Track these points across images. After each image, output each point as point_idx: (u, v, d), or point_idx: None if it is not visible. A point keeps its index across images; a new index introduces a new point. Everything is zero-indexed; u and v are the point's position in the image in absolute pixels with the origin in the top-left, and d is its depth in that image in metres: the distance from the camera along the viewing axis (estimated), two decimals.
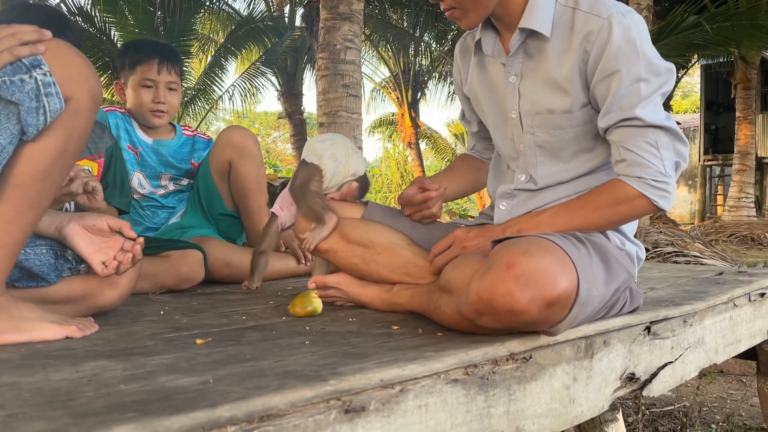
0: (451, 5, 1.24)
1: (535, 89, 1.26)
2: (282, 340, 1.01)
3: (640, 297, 1.27)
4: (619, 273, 1.14)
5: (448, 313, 1.09)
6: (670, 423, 2.07)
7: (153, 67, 2.00)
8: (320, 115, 5.05)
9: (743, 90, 11.19)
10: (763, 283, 1.81)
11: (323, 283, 1.39)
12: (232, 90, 12.04)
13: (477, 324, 1.01)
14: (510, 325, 0.98)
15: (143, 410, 0.62)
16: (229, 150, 2.06)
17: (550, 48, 1.22)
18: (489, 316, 0.97)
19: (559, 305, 0.96)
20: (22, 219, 1.00)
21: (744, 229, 8.47)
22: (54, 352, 0.92)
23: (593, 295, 1.04)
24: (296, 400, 0.69)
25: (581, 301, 1.00)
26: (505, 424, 0.95)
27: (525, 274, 0.93)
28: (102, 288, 1.23)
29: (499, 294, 0.94)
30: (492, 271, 0.96)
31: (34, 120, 0.94)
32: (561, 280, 0.95)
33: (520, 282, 0.93)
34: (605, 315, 1.17)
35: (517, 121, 1.30)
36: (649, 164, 1.13)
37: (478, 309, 0.98)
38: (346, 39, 4.90)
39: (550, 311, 0.96)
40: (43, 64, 0.95)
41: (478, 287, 0.97)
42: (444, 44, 13.30)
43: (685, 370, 1.42)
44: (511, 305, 0.93)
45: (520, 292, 0.92)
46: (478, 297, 0.97)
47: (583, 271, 1.00)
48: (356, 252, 1.34)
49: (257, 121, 28.49)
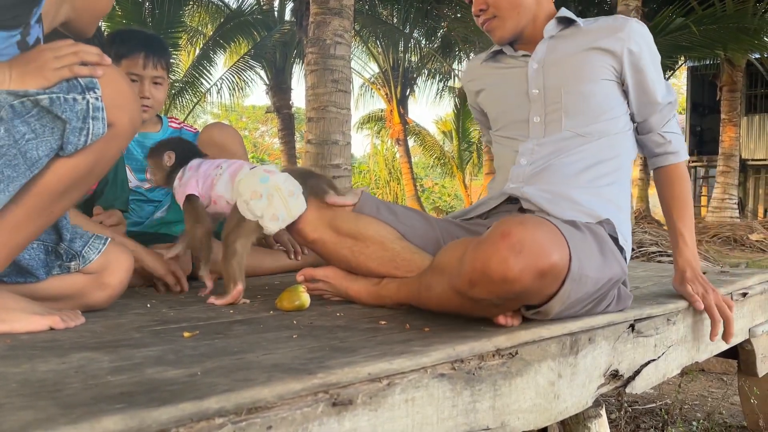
0: (492, 15, 1.48)
1: (560, 67, 1.48)
2: (270, 333, 1.01)
3: (628, 300, 1.30)
4: (613, 263, 1.18)
5: (438, 291, 1.11)
6: (651, 420, 2.10)
7: (138, 61, 1.96)
8: (309, 110, 5.04)
9: (728, 92, 11.32)
10: (745, 284, 1.83)
11: (311, 275, 1.39)
12: (220, 83, 12.00)
13: (469, 296, 1.02)
14: (502, 294, 0.98)
15: (131, 401, 0.62)
16: (210, 148, 2.02)
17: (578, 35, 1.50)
18: (482, 286, 0.98)
19: (551, 276, 0.98)
20: (30, 226, 1.01)
21: (727, 230, 8.57)
22: (40, 344, 0.91)
23: (586, 275, 1.06)
24: (284, 393, 0.69)
25: (573, 278, 1.02)
26: (490, 419, 0.96)
27: (520, 242, 0.95)
28: (91, 288, 1.22)
29: (493, 261, 0.95)
30: (487, 240, 0.99)
31: (76, 140, 0.97)
32: (553, 251, 0.97)
33: (514, 249, 0.95)
34: (592, 309, 1.18)
35: (538, 96, 1.49)
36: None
37: (471, 279, 0.99)
38: (335, 34, 4.89)
39: (542, 282, 0.98)
40: (97, 87, 0.97)
41: (473, 256, 0.99)
42: (433, 41, 13.33)
43: (667, 367, 1.44)
44: (504, 273, 0.94)
45: (513, 259, 0.94)
46: (472, 266, 0.98)
47: (575, 248, 1.02)
48: (345, 244, 1.34)
49: (245, 115, 28.37)
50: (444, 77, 15.63)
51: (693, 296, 1.45)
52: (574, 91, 1.46)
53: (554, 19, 1.52)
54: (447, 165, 17.51)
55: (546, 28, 1.52)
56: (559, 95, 1.47)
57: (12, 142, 0.93)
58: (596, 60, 1.46)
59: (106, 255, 1.22)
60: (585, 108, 1.46)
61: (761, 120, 14.65)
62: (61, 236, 1.18)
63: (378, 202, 1.42)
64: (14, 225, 0.98)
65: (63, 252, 1.18)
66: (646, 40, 1.47)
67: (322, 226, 1.35)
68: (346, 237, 1.34)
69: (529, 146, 1.47)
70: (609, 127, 1.46)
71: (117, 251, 1.25)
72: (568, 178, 1.40)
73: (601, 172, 1.42)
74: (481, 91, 1.65)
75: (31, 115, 0.93)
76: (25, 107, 0.93)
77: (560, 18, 1.52)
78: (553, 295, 1.03)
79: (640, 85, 1.48)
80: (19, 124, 0.93)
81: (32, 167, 0.96)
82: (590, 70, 1.46)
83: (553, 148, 1.45)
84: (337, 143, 4.95)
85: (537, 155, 1.45)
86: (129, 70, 1.96)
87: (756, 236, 8.29)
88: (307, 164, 5.03)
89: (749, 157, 14.61)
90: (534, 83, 1.50)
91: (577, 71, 1.47)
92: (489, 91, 1.63)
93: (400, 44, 13.62)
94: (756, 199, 15.27)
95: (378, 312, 1.25)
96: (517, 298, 1.00)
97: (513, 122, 1.54)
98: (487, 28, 1.52)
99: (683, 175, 1.54)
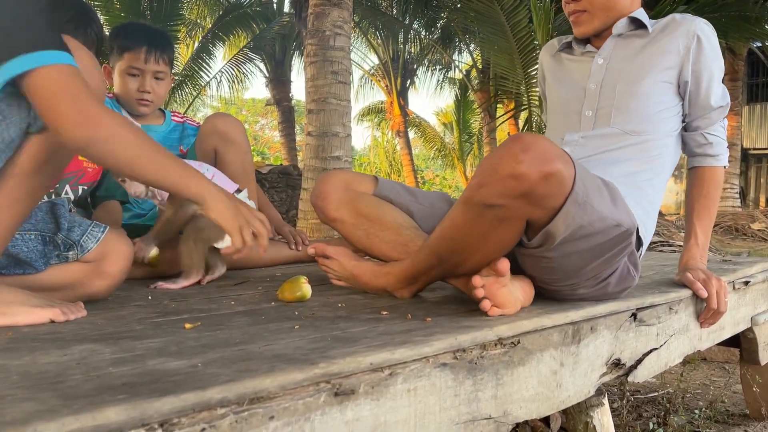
0: (583, 8, 1.54)
1: (622, 66, 1.53)
2: (271, 324, 1.01)
3: (632, 280, 1.30)
4: (623, 212, 1.18)
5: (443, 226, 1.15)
6: (654, 409, 2.10)
7: (140, 55, 1.96)
8: (309, 102, 5.03)
9: (730, 81, 11.26)
10: (747, 272, 1.83)
11: (323, 251, 1.42)
12: (219, 76, 11.96)
13: (475, 201, 1.06)
14: (508, 192, 1.02)
15: (133, 392, 0.62)
16: (213, 138, 2.03)
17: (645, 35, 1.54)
18: (489, 186, 1.03)
19: (554, 180, 1.02)
20: (17, 207, 1.01)
21: (729, 220, 8.56)
22: (41, 336, 0.91)
23: (591, 205, 1.08)
24: (286, 383, 0.69)
25: (577, 200, 1.05)
26: (492, 408, 0.96)
27: (529, 144, 1.01)
28: (91, 277, 1.22)
29: (504, 158, 1.01)
30: (500, 146, 1.05)
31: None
32: (558, 160, 1.02)
33: (524, 148, 1.01)
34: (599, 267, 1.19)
35: (594, 91, 1.54)
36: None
37: (480, 180, 1.05)
38: (335, 25, 4.87)
39: (546, 185, 1.01)
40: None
41: (486, 160, 1.06)
42: (433, 32, 13.26)
43: (669, 356, 1.44)
44: (513, 168, 1.00)
45: (522, 155, 1.00)
46: (482, 168, 1.05)
47: (582, 177, 1.07)
48: (362, 226, 1.39)
49: (245, 108, 28.33)
50: (444, 68, 15.58)
51: (695, 283, 1.46)
52: (629, 90, 1.49)
53: (626, 18, 1.56)
54: (448, 157, 17.48)
55: (616, 26, 1.56)
56: (613, 92, 1.51)
57: None
58: (657, 60, 1.50)
59: (104, 243, 1.22)
60: (635, 107, 1.49)
61: (763, 109, 14.61)
62: (58, 225, 1.18)
63: (397, 185, 1.48)
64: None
65: (61, 242, 1.18)
66: (710, 40, 1.49)
67: (344, 206, 1.40)
68: (364, 219, 1.39)
69: (575, 137, 1.52)
70: (656, 128, 1.49)
71: (116, 239, 1.25)
72: (606, 168, 1.41)
73: (641, 169, 1.45)
74: (545, 77, 1.76)
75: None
76: None
77: (632, 18, 1.56)
78: (557, 208, 1.05)
79: (696, 85, 1.51)
80: None
81: (6, 149, 0.97)
82: (649, 70, 1.49)
83: (598, 143, 1.49)
84: (338, 135, 4.94)
85: (581, 146, 1.50)
86: (131, 63, 1.96)
87: (758, 225, 8.28)
88: (308, 156, 5.03)
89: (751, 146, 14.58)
90: (594, 78, 1.56)
91: (636, 70, 1.50)
92: (553, 79, 1.70)
93: (400, 35, 13.57)
94: (758, 189, 15.25)
95: (380, 302, 1.25)
96: (522, 198, 1.02)
97: (566, 113, 1.59)
98: (574, 20, 1.58)
99: (715, 180, 1.55)
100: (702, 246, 1.53)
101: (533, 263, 1.18)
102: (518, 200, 1.03)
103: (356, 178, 1.47)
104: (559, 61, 1.70)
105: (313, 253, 1.43)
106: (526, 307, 1.17)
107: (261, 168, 7.95)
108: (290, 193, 7.94)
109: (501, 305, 1.08)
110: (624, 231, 1.16)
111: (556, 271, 1.18)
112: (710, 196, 1.54)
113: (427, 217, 1.42)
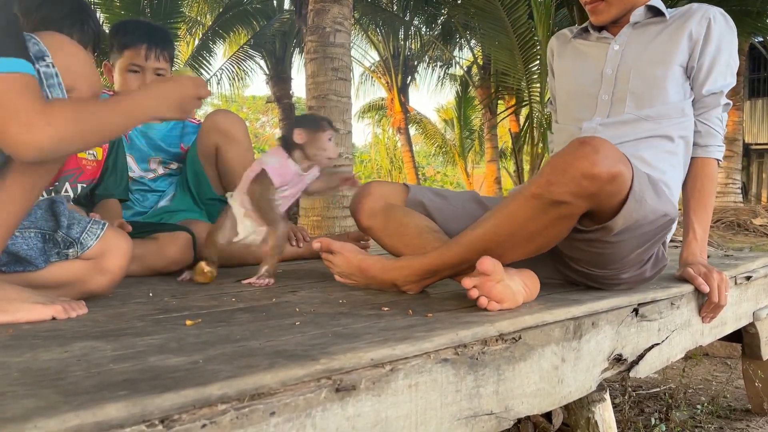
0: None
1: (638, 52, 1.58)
2: (272, 321, 1.01)
3: (665, 260, 1.40)
4: (666, 201, 1.27)
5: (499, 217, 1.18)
6: (656, 404, 2.10)
7: (141, 52, 1.95)
8: (309, 99, 5.02)
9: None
10: (749, 267, 1.83)
11: (328, 246, 1.42)
12: (219, 74, 11.95)
13: (546, 197, 1.10)
14: (578, 191, 1.08)
15: (134, 388, 0.62)
16: (214, 135, 2.03)
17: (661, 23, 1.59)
18: (560, 185, 1.09)
19: (619, 181, 1.10)
20: (15, 205, 1.01)
21: (730, 215, 8.55)
22: (42, 333, 0.91)
23: (644, 199, 1.17)
24: (287, 379, 0.69)
25: (635, 196, 1.13)
26: (494, 404, 0.96)
27: (598, 147, 1.08)
28: (91, 274, 1.22)
29: (577, 158, 1.08)
30: (567, 147, 1.11)
31: None
32: (620, 162, 1.10)
33: (595, 150, 1.08)
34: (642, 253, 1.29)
35: (611, 76, 1.59)
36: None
37: (550, 179, 1.10)
38: (335, 22, 4.86)
39: (611, 186, 1.09)
40: (46, 55, 0.98)
41: (555, 160, 1.11)
42: (434, 29, 13.23)
43: (671, 351, 1.44)
44: (588, 168, 1.07)
45: (594, 156, 1.07)
46: (552, 168, 1.11)
47: (636, 173, 1.14)
48: (389, 232, 1.47)
49: (245, 106, 28.29)
50: (445, 65, 15.55)
51: (696, 278, 1.46)
52: (643, 75, 1.55)
53: (644, 6, 1.61)
54: (449, 153, 17.45)
55: (633, 14, 1.62)
56: (628, 77, 1.57)
57: None
58: (671, 46, 1.55)
59: (104, 240, 1.22)
60: (650, 92, 1.54)
61: (764, 104, 14.58)
62: (58, 223, 1.18)
63: (427, 190, 1.55)
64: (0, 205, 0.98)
65: (61, 239, 1.18)
66: (720, 28, 1.54)
67: (374, 215, 1.49)
68: (391, 226, 1.46)
69: (593, 125, 1.58)
70: (671, 113, 1.53)
71: (115, 236, 1.25)
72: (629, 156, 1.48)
73: (660, 156, 1.51)
74: (554, 66, 1.81)
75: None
76: None
77: (650, 6, 1.61)
78: (616, 210, 1.13)
79: (698, 70, 1.55)
80: None
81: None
82: (664, 57, 1.55)
83: (616, 131, 1.53)
84: (338, 132, 4.93)
85: (600, 134, 1.50)
86: (131, 60, 1.96)
87: (760, 221, 8.27)
88: None
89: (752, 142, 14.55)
90: (610, 64, 1.61)
91: (651, 56, 1.56)
92: (566, 64, 1.75)
93: (401, 32, 13.53)
94: (759, 184, 15.23)
95: (380, 298, 1.25)
96: (590, 196, 1.09)
97: (581, 97, 1.64)
98: (591, 9, 1.63)
99: (706, 173, 1.56)
100: (701, 241, 1.54)
101: (585, 249, 1.25)
102: (586, 198, 1.10)
103: (389, 190, 1.55)
104: (573, 47, 1.75)
105: (318, 248, 1.43)
106: (528, 302, 1.17)
107: None
108: None
109: (499, 301, 1.08)
110: (669, 220, 1.26)
111: (607, 257, 1.25)
112: (704, 190, 1.55)
113: (458, 216, 1.49)
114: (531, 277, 1.20)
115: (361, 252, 1.41)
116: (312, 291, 1.36)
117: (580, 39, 1.74)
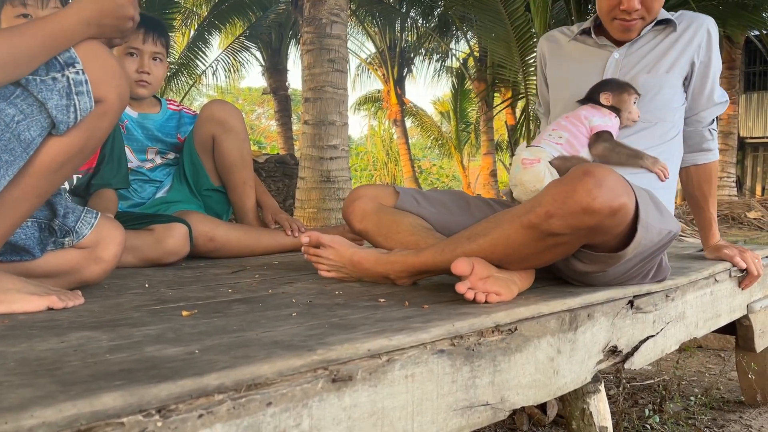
0: (641, 16, 1.59)
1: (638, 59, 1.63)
2: (269, 312, 1.01)
3: (667, 271, 1.41)
4: (668, 218, 1.29)
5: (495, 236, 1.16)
6: (650, 396, 2.11)
7: (138, 35, 1.95)
8: (305, 91, 5.01)
9: (727, 70, 11.22)
10: None
11: (317, 240, 1.40)
12: (215, 65, 11.89)
13: (542, 229, 1.08)
14: (578, 225, 1.06)
15: (130, 378, 0.62)
16: (211, 125, 2.02)
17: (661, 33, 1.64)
18: (560, 217, 1.06)
19: (621, 215, 1.08)
20: (25, 205, 1.01)
21: (725, 209, 8.57)
22: (38, 323, 0.91)
23: (650, 224, 1.16)
24: (284, 369, 0.69)
25: (643, 224, 1.13)
26: (490, 395, 0.96)
27: (601, 179, 1.05)
28: (86, 263, 1.22)
29: (578, 192, 1.04)
30: (569, 177, 1.08)
31: (65, 117, 0.96)
32: (623, 193, 1.07)
33: (598, 184, 1.04)
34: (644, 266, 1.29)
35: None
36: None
37: (549, 211, 1.07)
38: (331, 13, 4.84)
39: (612, 220, 1.07)
40: (77, 62, 0.96)
41: (554, 190, 1.08)
42: (431, 21, 13.18)
43: (666, 343, 1.44)
44: (588, 203, 1.04)
45: (596, 191, 1.04)
46: (552, 198, 1.07)
47: (639, 198, 1.13)
48: (382, 232, 1.47)
49: (241, 97, 28.19)
50: (441, 57, 15.52)
51: (734, 257, 1.70)
52: (643, 81, 1.60)
53: (654, 21, 1.64)
54: (445, 146, 17.45)
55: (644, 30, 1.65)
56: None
57: (3, 126, 0.92)
58: (670, 53, 1.60)
59: (98, 229, 1.23)
60: (649, 97, 1.59)
61: (760, 98, 14.61)
62: (54, 212, 1.18)
63: (412, 194, 1.55)
64: (9, 205, 0.98)
65: (57, 228, 1.18)
66: (716, 39, 1.62)
67: (367, 218, 1.49)
68: (384, 227, 1.47)
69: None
70: (668, 116, 1.60)
71: (109, 225, 1.26)
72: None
73: (658, 153, 1.54)
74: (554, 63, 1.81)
75: (16, 95, 0.93)
76: (8, 89, 0.92)
77: (659, 20, 1.65)
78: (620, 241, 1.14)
79: (703, 79, 1.63)
80: (6, 107, 0.92)
81: (27, 149, 0.96)
82: (662, 63, 1.60)
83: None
84: (334, 124, 4.92)
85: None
86: (129, 44, 1.95)
87: (754, 214, 8.30)
88: (305, 145, 5.01)
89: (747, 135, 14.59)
90: (610, 70, 1.65)
91: (650, 63, 1.61)
92: (563, 66, 1.77)
93: (397, 24, 13.47)
94: (754, 177, 15.28)
95: (377, 290, 1.25)
96: (589, 229, 1.08)
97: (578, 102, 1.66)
98: (628, 26, 1.62)
99: (715, 172, 1.76)
100: (716, 228, 1.79)
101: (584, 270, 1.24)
102: (585, 231, 1.08)
103: (380, 192, 1.55)
104: (567, 51, 1.77)
105: (306, 242, 1.41)
106: (523, 293, 1.17)
107: (258, 157, 7.93)
108: (287, 183, 7.92)
109: (496, 293, 1.08)
110: (673, 235, 1.26)
111: (608, 273, 1.24)
112: (713, 188, 1.76)
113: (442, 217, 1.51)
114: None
115: (352, 245, 1.39)
116: (308, 282, 1.36)
117: (577, 42, 1.75)
